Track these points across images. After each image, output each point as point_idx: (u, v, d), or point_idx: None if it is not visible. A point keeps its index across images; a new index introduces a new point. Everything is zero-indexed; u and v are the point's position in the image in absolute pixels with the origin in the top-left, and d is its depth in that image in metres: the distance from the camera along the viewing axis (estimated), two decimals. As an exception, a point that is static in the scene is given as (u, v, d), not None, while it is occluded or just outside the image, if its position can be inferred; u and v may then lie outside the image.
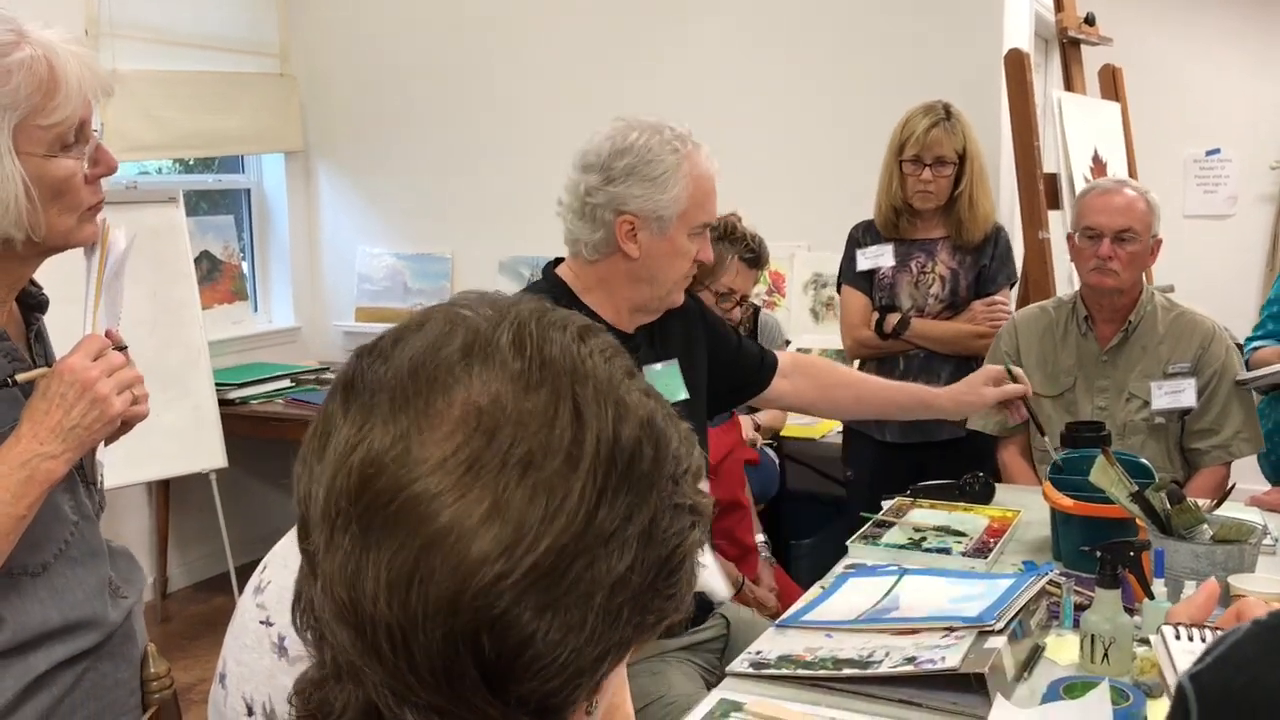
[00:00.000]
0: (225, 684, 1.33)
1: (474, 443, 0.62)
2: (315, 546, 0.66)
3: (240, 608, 1.36)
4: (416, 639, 0.62)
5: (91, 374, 1.37)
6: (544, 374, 0.65)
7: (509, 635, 0.62)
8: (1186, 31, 5.45)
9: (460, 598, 0.61)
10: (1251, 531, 1.87)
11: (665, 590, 0.67)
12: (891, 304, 3.28)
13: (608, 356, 0.69)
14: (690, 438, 0.72)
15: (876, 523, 2.39)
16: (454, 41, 4.86)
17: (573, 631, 0.63)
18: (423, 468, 0.62)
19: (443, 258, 5.03)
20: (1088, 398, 2.84)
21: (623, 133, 1.95)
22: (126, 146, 4.32)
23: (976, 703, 1.58)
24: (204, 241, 4.76)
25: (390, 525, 0.62)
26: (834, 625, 1.86)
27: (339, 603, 0.64)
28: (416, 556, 0.61)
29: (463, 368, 0.65)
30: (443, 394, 0.64)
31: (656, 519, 0.66)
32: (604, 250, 1.98)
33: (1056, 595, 1.90)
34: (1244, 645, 0.63)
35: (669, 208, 1.94)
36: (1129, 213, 2.75)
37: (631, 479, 0.65)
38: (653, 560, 0.65)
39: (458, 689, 0.63)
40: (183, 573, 4.68)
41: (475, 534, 0.61)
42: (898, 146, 3.21)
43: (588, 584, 0.63)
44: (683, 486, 0.68)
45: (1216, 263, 5.38)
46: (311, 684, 0.69)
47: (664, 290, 2.03)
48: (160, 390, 3.89)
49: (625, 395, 0.67)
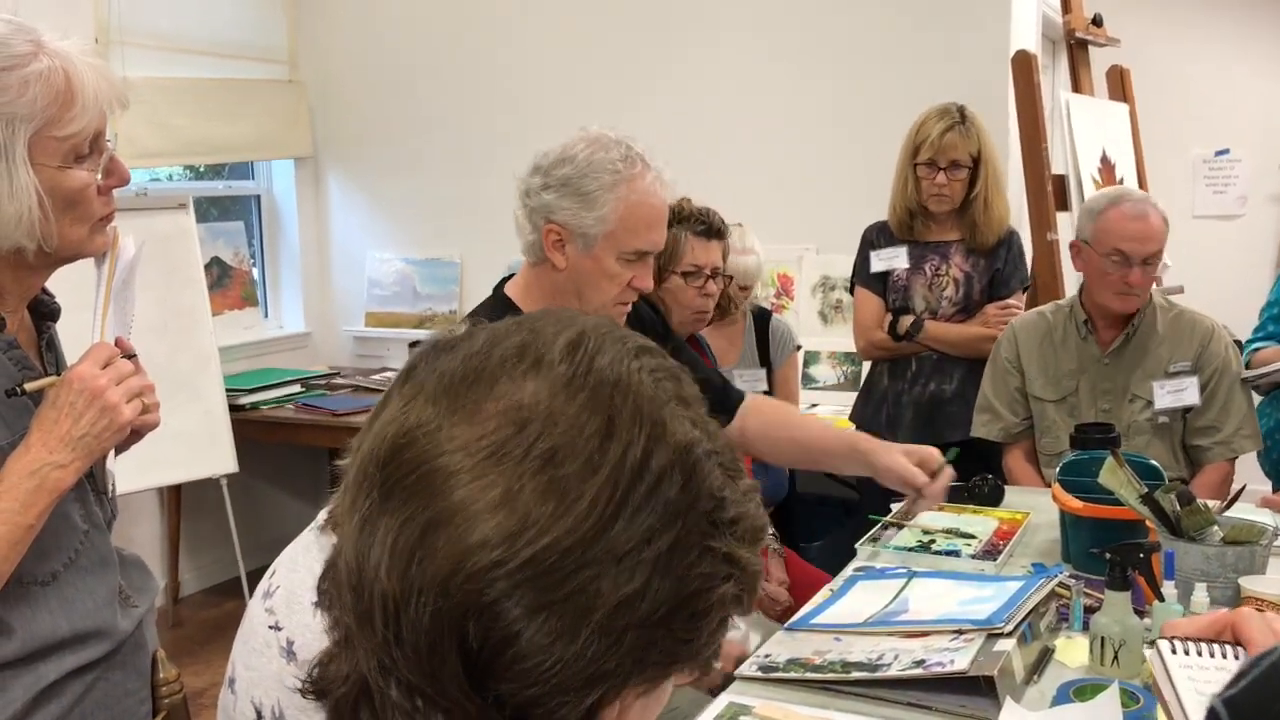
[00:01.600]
0: (234, 689, 1.34)
1: (503, 432, 0.64)
2: (342, 509, 0.68)
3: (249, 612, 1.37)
4: (408, 613, 0.63)
5: (100, 382, 1.37)
6: (587, 380, 0.66)
7: (495, 626, 0.62)
8: (1194, 32, 5.44)
9: (454, 578, 0.62)
10: (1262, 533, 1.86)
11: (681, 632, 0.66)
12: (905, 306, 3.28)
13: (659, 378, 0.69)
14: (750, 494, 0.70)
15: (885, 525, 2.39)
16: (462, 46, 4.87)
17: (562, 640, 0.62)
18: (450, 445, 0.64)
19: (452, 262, 5.04)
20: (1091, 401, 2.84)
21: (574, 143, 1.93)
22: (137, 154, 4.34)
23: (986, 705, 1.58)
24: (214, 247, 4.77)
25: (407, 495, 0.64)
26: (843, 628, 1.86)
27: (348, 566, 0.66)
28: (423, 529, 0.63)
29: (514, 365, 0.66)
30: (489, 388, 0.66)
31: (680, 551, 0.65)
32: (536, 254, 1.97)
33: (1066, 597, 1.90)
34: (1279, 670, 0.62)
35: (595, 226, 1.90)
36: (1156, 237, 2.73)
37: (656, 501, 0.64)
38: (669, 593, 0.64)
39: (438, 672, 0.63)
40: (194, 578, 4.70)
41: (481, 517, 0.62)
42: (912, 149, 3.21)
43: (589, 596, 0.62)
44: (722, 531, 0.67)
45: (1226, 263, 5.36)
46: (322, 657, 0.71)
47: (592, 309, 1.95)
48: (171, 396, 3.90)
49: (667, 418, 0.67)
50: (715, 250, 2.95)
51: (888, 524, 2.40)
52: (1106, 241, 2.74)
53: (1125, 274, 2.71)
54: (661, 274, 2.85)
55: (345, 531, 0.67)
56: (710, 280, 2.92)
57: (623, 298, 1.99)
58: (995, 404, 2.94)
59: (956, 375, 3.23)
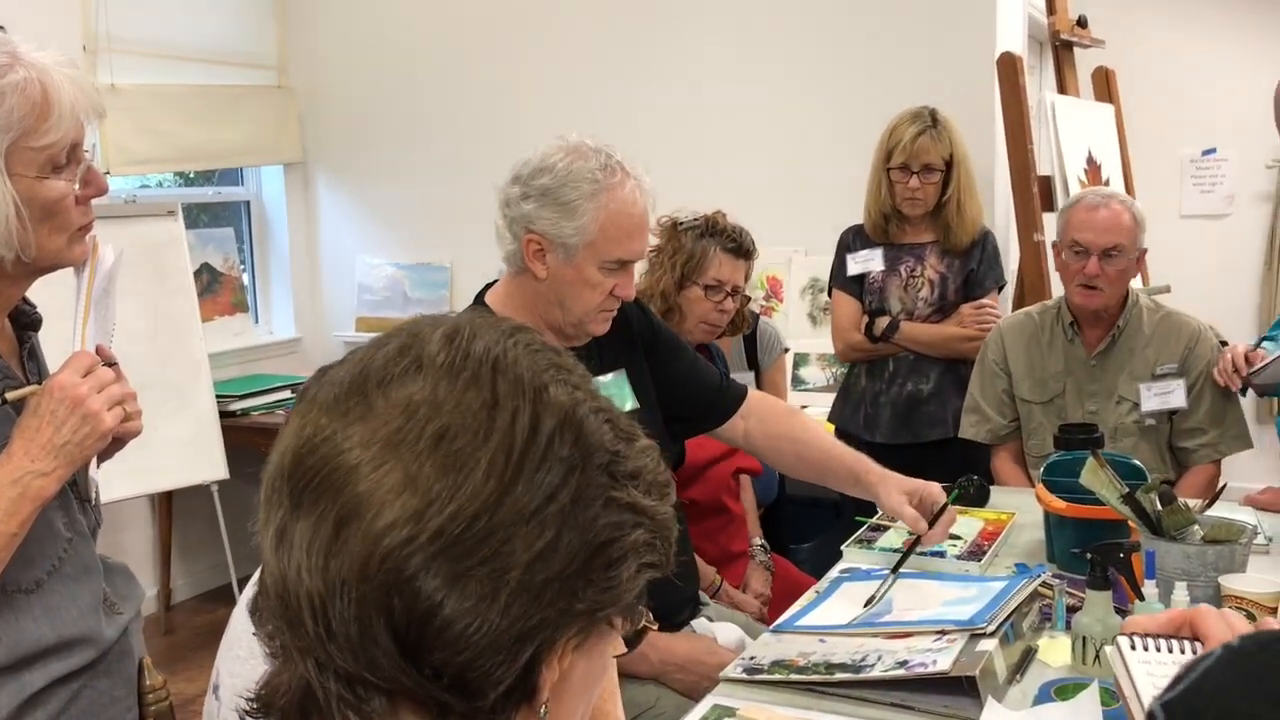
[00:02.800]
0: (219, 695, 1.34)
1: (395, 422, 0.67)
2: (259, 527, 0.71)
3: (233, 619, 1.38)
4: (334, 606, 0.66)
5: (81, 390, 1.38)
6: (467, 363, 0.70)
7: (418, 600, 0.65)
8: (1180, 33, 5.46)
9: (370, 561, 0.65)
10: (1242, 531, 1.87)
11: (600, 580, 0.69)
12: (881, 308, 3.30)
13: (534, 350, 0.73)
14: (647, 450, 0.75)
15: (872, 527, 2.40)
16: (451, 52, 4.88)
17: (484, 603, 0.65)
18: (347, 444, 0.68)
19: (442, 267, 5.04)
20: (1077, 403, 2.85)
21: (553, 151, 1.93)
22: (125, 160, 4.35)
23: (968, 705, 1.58)
24: (204, 254, 4.77)
25: (315, 497, 0.67)
26: (827, 630, 1.87)
27: (272, 576, 0.69)
28: (335, 525, 0.66)
29: (396, 364, 0.70)
30: (377, 388, 0.69)
31: (583, 504, 0.68)
32: (516, 264, 1.97)
33: (1049, 597, 1.91)
34: (1215, 673, 0.63)
35: (575, 236, 1.90)
36: (1116, 229, 2.74)
37: (551, 460, 0.68)
38: (579, 544, 0.68)
39: (373, 656, 0.66)
40: (186, 585, 4.70)
41: (387, 502, 0.65)
42: (885, 154, 3.24)
43: (503, 557, 0.66)
44: (622, 482, 0.71)
45: (1214, 262, 5.38)
46: (266, 676, 0.74)
47: (574, 317, 1.98)
48: (161, 403, 3.96)
49: (548, 383, 0.71)
50: (741, 270, 2.98)
51: (875, 526, 2.41)
52: (1067, 234, 2.81)
53: (1083, 265, 2.74)
54: (683, 282, 2.87)
55: (264, 549, 0.70)
56: (729, 297, 2.95)
57: (606, 305, 1.99)
58: (983, 405, 2.95)
59: (933, 375, 3.26)
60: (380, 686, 0.67)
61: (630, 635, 0.78)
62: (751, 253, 2.99)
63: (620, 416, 0.74)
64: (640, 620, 0.77)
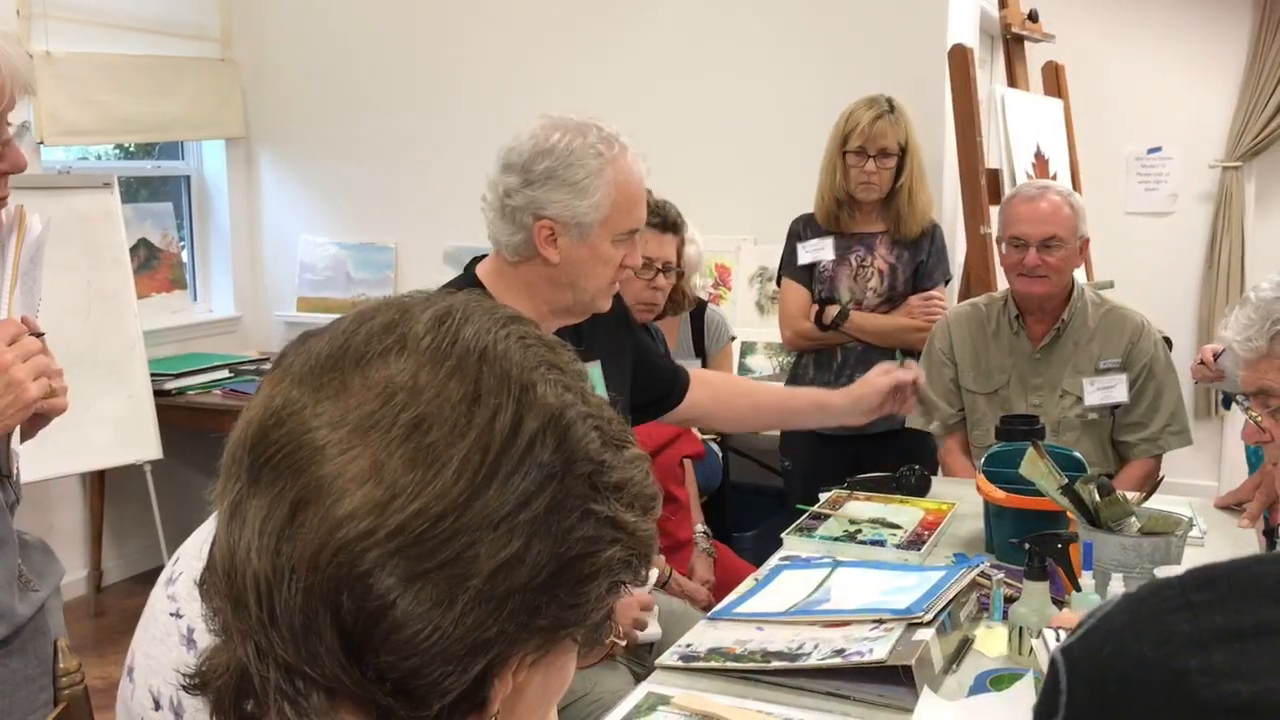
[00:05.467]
0: (133, 677, 1.30)
1: (369, 405, 0.63)
2: (215, 497, 0.67)
3: (151, 599, 1.34)
4: (280, 593, 0.62)
5: (5, 358, 1.35)
6: (453, 350, 0.65)
7: (369, 598, 0.61)
8: (1128, 31, 5.51)
9: (324, 551, 0.61)
10: (1178, 524, 1.88)
11: (566, 597, 0.65)
12: (831, 297, 3.30)
13: (528, 344, 0.68)
14: (636, 461, 0.70)
15: (813, 515, 2.39)
16: (400, 28, 4.80)
17: (439, 608, 0.61)
18: (316, 421, 0.63)
19: (386, 247, 4.97)
20: (1021, 395, 2.86)
21: (546, 132, 1.87)
22: (61, 131, 4.24)
23: (904, 695, 1.58)
24: (142, 229, 4.66)
25: (274, 474, 0.63)
26: (765, 618, 1.85)
27: (220, 552, 0.65)
28: (292, 507, 0.62)
29: (380, 341, 0.66)
30: (356, 365, 0.65)
31: (558, 514, 0.64)
32: (524, 253, 1.91)
33: (987, 587, 1.90)
34: (1113, 616, 0.65)
35: (589, 214, 1.86)
36: (1053, 220, 2.76)
37: (529, 464, 0.64)
38: (549, 557, 0.64)
39: (315, 651, 0.62)
40: (118, 566, 4.60)
41: (348, 490, 0.61)
42: (841, 138, 3.23)
43: (465, 563, 0.62)
44: (604, 495, 0.67)
45: (1157, 259, 5.45)
46: (208, 651, 0.70)
47: (587, 296, 1.95)
48: (93, 380, 3.87)
49: (537, 381, 0.66)
50: (669, 244, 2.93)
51: (816, 514, 2.40)
52: (1006, 228, 2.83)
53: (1022, 257, 2.75)
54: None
55: (219, 521, 0.66)
56: (661, 274, 2.90)
57: (617, 279, 1.97)
58: (930, 395, 2.95)
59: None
60: (319, 682, 0.63)
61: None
62: (679, 226, 2.94)
63: (611, 422, 0.70)
64: (605, 638, 0.73)
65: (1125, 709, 0.61)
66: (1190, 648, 0.59)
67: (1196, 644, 0.59)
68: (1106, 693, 0.62)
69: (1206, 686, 0.58)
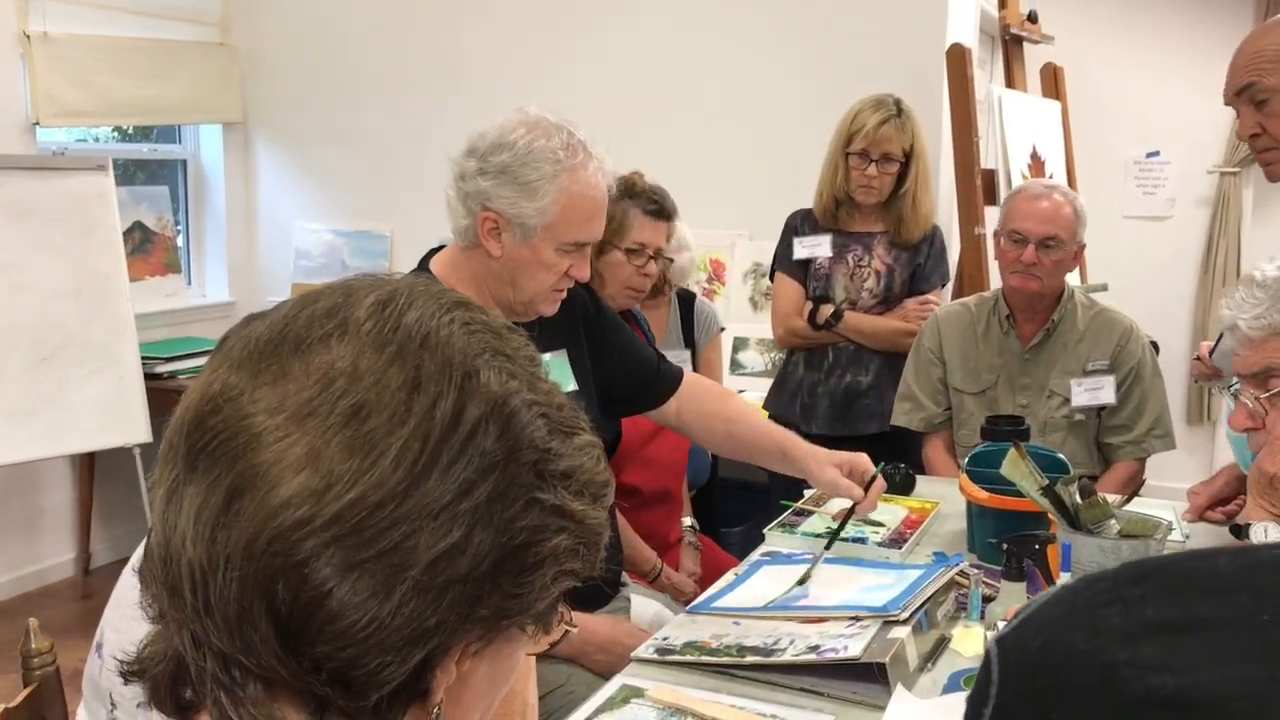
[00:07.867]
0: (101, 653, 1.30)
1: (308, 391, 0.62)
2: (153, 483, 0.66)
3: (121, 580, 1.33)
4: (215, 581, 0.61)
5: None
6: (394, 336, 0.65)
7: (305, 588, 0.60)
8: (1128, 34, 5.50)
9: (259, 539, 0.60)
10: (1157, 527, 1.88)
11: (509, 586, 0.65)
12: (825, 295, 3.27)
13: (473, 330, 0.67)
14: (587, 449, 0.69)
15: (796, 511, 2.39)
16: (398, 14, 4.79)
17: (375, 598, 0.61)
18: (254, 407, 0.62)
19: (381, 235, 4.96)
20: (1009, 395, 2.86)
21: (514, 126, 1.85)
22: (56, 112, 4.23)
23: (878, 692, 1.57)
24: (137, 212, 4.66)
25: (210, 461, 0.62)
26: (743, 612, 1.85)
27: (156, 539, 0.64)
28: (227, 494, 0.61)
29: (321, 326, 0.65)
30: (296, 350, 0.64)
31: (501, 503, 0.63)
32: (470, 239, 1.90)
33: (965, 587, 1.90)
34: (1047, 608, 0.65)
35: (535, 217, 1.84)
36: (1055, 220, 2.76)
37: (471, 453, 0.63)
38: (491, 546, 0.63)
39: (250, 640, 0.61)
40: (107, 548, 4.60)
41: (285, 478, 0.61)
42: (845, 138, 3.18)
43: (404, 553, 0.61)
44: (550, 483, 0.66)
45: (1153, 263, 5.45)
46: (147, 638, 0.69)
47: (526, 297, 1.92)
48: (84, 362, 3.87)
49: (480, 368, 0.65)
50: (662, 231, 2.91)
51: (799, 510, 2.39)
52: (1007, 222, 2.83)
53: (1020, 253, 2.75)
54: (604, 246, 2.79)
55: (155, 505, 0.65)
56: (651, 261, 2.89)
57: (559, 285, 1.94)
58: (917, 393, 2.95)
59: (873, 368, 3.23)
60: (255, 672, 0.62)
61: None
62: (673, 214, 2.93)
63: (561, 409, 0.69)
64: (555, 626, 0.72)
65: (1055, 700, 0.61)
66: (1121, 641, 0.59)
67: (1127, 637, 0.59)
68: (1036, 684, 0.62)
69: (1135, 679, 0.58)
